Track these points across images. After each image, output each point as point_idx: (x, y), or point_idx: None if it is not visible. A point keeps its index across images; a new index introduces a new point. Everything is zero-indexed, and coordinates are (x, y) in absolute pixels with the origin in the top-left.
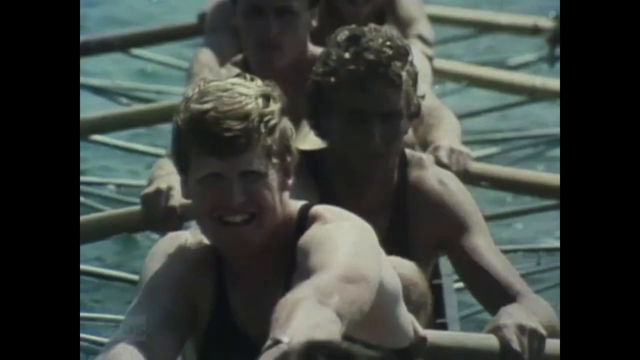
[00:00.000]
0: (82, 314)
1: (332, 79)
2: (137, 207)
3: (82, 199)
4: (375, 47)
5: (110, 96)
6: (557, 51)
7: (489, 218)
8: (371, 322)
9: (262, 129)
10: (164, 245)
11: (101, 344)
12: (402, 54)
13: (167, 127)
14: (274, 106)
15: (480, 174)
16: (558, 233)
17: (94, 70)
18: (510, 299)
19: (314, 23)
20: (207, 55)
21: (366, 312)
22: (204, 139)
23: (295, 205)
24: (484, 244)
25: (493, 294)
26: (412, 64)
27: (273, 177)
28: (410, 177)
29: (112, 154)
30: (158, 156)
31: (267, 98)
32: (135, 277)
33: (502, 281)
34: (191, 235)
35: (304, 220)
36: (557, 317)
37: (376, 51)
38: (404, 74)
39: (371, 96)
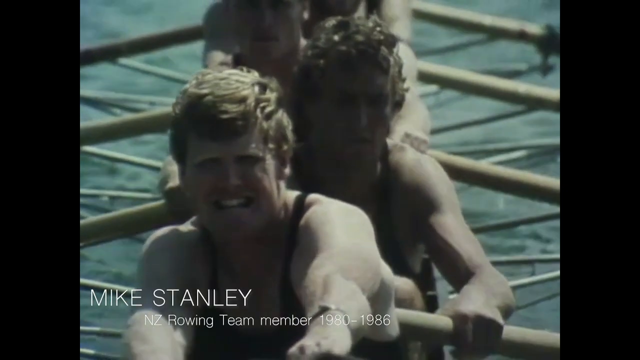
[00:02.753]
0: (82, 328)
1: (322, 61)
2: (160, 203)
3: None
4: (365, 31)
5: (103, 107)
6: (550, 61)
7: (486, 228)
8: (373, 314)
9: (259, 114)
10: (161, 236)
11: (100, 358)
12: (390, 42)
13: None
14: (271, 94)
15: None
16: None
17: (85, 80)
18: (470, 273)
19: (305, 15)
20: (219, 57)
21: (375, 291)
22: (201, 122)
23: (291, 195)
24: (452, 220)
25: (455, 266)
26: (398, 55)
27: (270, 162)
28: (391, 162)
29: (104, 165)
30: (151, 167)
31: (263, 87)
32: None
33: (464, 254)
34: (185, 228)
35: (301, 208)
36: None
37: (366, 34)
38: (391, 59)
39: (360, 78)
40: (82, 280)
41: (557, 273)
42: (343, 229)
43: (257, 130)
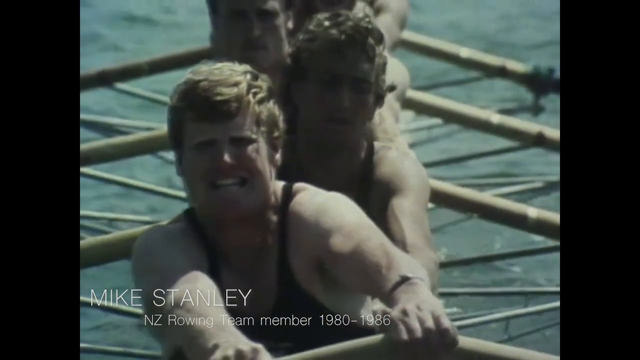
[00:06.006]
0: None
1: (311, 44)
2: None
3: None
4: (355, 20)
5: (100, 131)
6: (541, 101)
7: (484, 259)
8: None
9: (251, 98)
10: (155, 231)
11: None
12: (377, 36)
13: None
14: (262, 83)
15: None
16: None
17: (84, 104)
18: (406, 251)
19: (290, 25)
20: None
21: None
22: (197, 104)
23: (279, 183)
24: (409, 205)
25: (394, 241)
26: (382, 54)
27: (262, 145)
28: (375, 159)
29: (101, 187)
30: (150, 191)
31: (254, 75)
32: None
33: (406, 233)
34: (172, 224)
35: (289, 195)
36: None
37: (355, 22)
38: (377, 50)
39: (346, 61)
40: (82, 298)
41: (550, 305)
42: (348, 210)
43: (249, 113)
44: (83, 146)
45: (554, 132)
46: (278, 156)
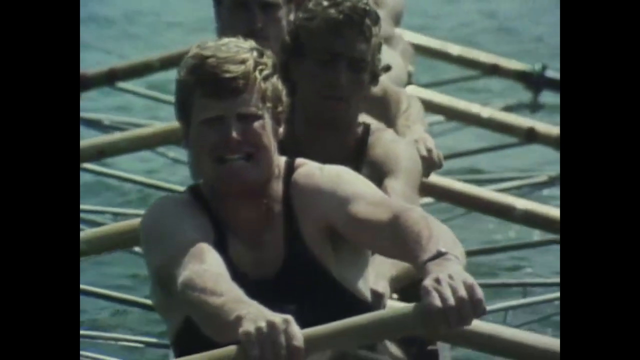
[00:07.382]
0: (82, 332)
1: (310, 23)
2: None
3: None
4: (353, 1)
5: (102, 129)
6: (540, 98)
7: (487, 251)
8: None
9: (258, 74)
10: (162, 204)
11: None
12: (374, 18)
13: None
14: (268, 60)
15: None
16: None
17: (85, 103)
18: None
19: (291, 17)
20: None
21: None
22: (205, 81)
23: (281, 158)
24: (401, 187)
25: None
26: (378, 35)
27: (267, 121)
28: (370, 139)
29: (107, 183)
30: (151, 186)
31: (260, 52)
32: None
33: None
34: (179, 195)
35: (291, 169)
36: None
37: (353, 3)
38: (374, 31)
39: (344, 40)
40: (83, 287)
41: (548, 296)
42: (359, 180)
43: (256, 90)
44: (97, 140)
45: (545, 127)
46: (281, 130)
